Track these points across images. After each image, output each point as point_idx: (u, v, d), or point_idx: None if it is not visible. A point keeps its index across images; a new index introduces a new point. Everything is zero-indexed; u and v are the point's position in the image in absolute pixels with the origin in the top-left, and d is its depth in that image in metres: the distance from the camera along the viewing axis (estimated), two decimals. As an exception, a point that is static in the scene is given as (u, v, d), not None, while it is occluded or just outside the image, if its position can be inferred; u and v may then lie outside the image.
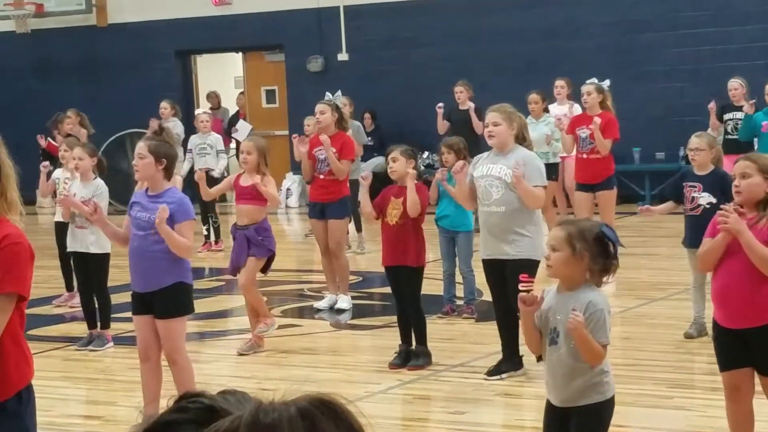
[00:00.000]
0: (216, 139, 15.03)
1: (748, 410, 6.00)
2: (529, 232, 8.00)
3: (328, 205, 10.74)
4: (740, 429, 6.06)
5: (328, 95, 11.36)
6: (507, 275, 7.69)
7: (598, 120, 11.62)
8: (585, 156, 11.81)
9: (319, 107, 10.92)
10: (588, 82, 12.24)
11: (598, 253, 5.09)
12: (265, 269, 9.49)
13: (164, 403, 1.34)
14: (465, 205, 8.84)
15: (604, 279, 5.18)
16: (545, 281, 5.79)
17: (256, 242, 9.24)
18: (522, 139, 8.20)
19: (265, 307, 9.56)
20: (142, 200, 7.09)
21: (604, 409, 5.22)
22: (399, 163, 8.69)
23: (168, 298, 7.03)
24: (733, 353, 5.91)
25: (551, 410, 5.31)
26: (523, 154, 8.11)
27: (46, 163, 11.43)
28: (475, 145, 12.44)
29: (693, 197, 8.71)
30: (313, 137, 11.19)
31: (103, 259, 9.68)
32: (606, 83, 12.05)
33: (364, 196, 8.86)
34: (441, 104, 15.80)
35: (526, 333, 5.38)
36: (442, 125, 15.64)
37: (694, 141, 8.88)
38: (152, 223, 6.95)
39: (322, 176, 10.79)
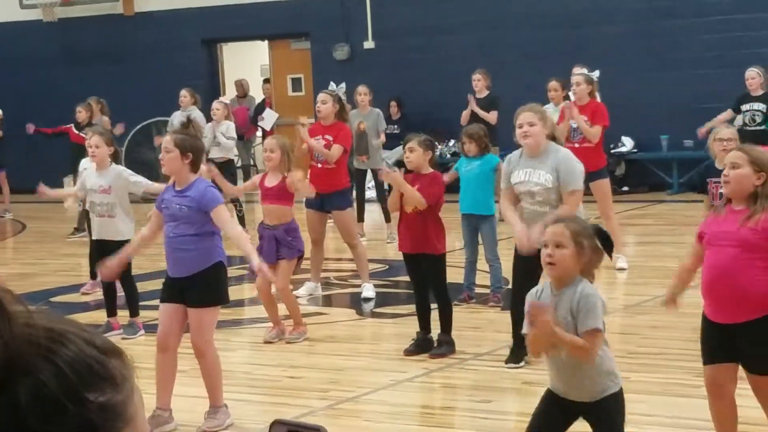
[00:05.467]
0: (227, 126, 14.97)
1: (730, 405, 5.91)
2: None
3: (328, 196, 10.70)
4: (724, 424, 5.97)
5: (332, 86, 11.28)
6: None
7: (574, 124, 11.62)
8: (576, 146, 11.74)
9: (320, 97, 10.93)
10: (577, 72, 12.18)
11: (596, 249, 5.07)
12: (294, 270, 9.53)
13: (176, 390, 1.32)
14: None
15: (595, 272, 5.16)
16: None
17: (286, 243, 9.24)
18: (552, 137, 8.14)
19: (300, 314, 9.54)
20: (168, 196, 7.19)
21: (621, 396, 5.15)
22: (416, 154, 8.65)
23: (201, 287, 7.04)
24: (717, 348, 5.82)
25: (555, 399, 5.16)
26: (562, 155, 7.99)
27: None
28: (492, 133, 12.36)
29: (721, 193, 8.61)
30: (311, 127, 11.16)
31: (120, 246, 9.64)
32: (595, 74, 12.02)
33: (401, 189, 8.55)
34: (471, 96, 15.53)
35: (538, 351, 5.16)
36: (466, 116, 15.42)
37: (727, 132, 8.71)
38: (184, 211, 7.05)
39: (319, 165, 10.80)
